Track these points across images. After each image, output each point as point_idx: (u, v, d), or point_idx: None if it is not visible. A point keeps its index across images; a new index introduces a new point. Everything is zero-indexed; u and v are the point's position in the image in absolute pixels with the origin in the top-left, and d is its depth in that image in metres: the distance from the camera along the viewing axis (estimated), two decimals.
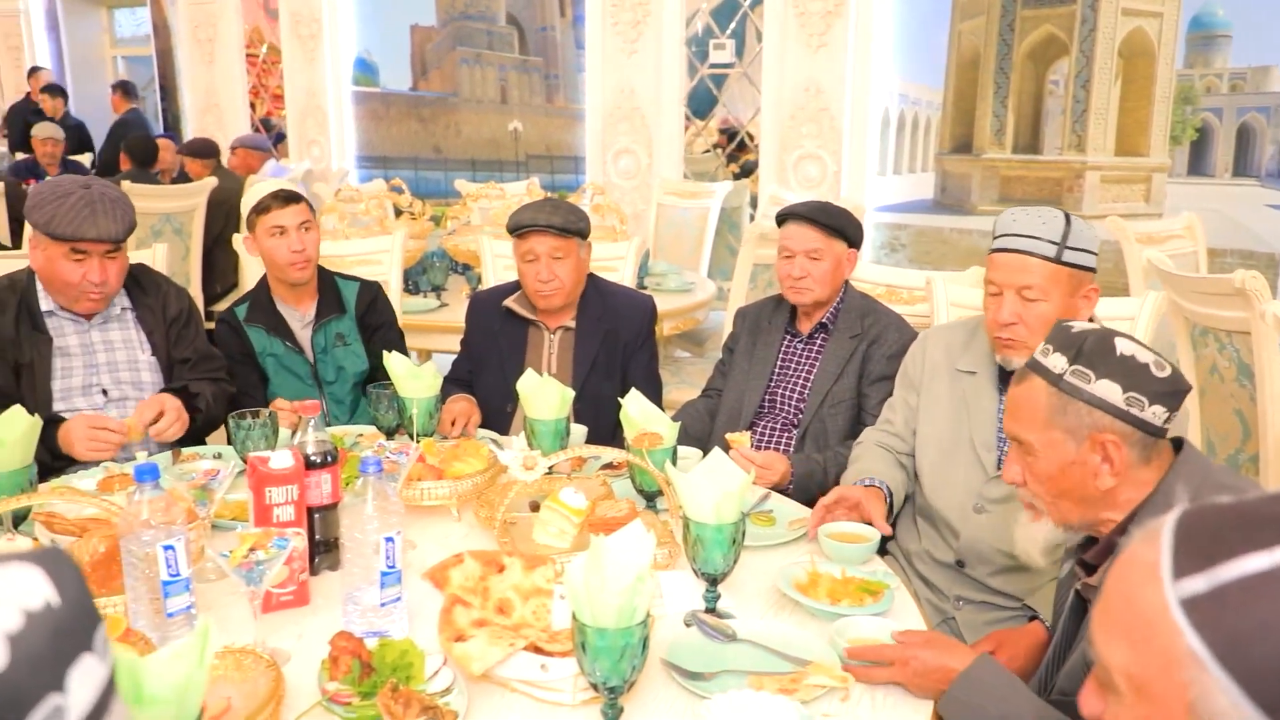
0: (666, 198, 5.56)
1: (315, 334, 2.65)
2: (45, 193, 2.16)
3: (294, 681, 1.33)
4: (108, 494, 1.72)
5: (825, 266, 2.40)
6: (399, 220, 4.68)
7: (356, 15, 7.40)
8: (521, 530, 1.79)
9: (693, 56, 6.16)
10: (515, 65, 6.92)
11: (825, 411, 2.40)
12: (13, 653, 0.50)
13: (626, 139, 6.25)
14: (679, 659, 1.39)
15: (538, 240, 2.48)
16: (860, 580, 1.62)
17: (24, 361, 2.19)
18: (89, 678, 0.54)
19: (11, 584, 0.53)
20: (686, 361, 4.61)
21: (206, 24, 8.01)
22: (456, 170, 7.03)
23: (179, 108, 8.74)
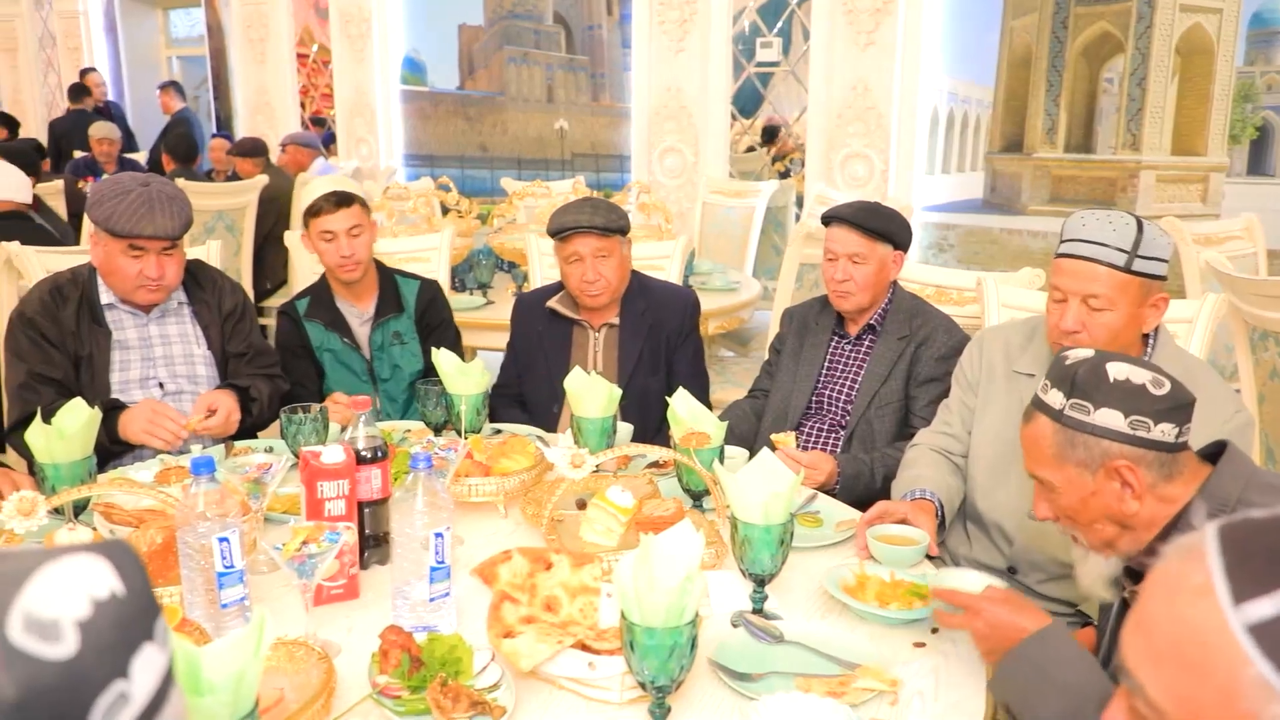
0: (712, 196, 5.55)
1: (373, 332, 2.69)
2: (105, 190, 2.20)
3: (344, 674, 1.35)
4: (164, 486, 1.75)
5: (868, 270, 2.36)
6: (446, 218, 4.72)
7: (405, 15, 7.47)
8: (569, 528, 1.80)
9: (739, 55, 6.14)
10: (562, 64, 6.94)
11: (873, 413, 2.38)
12: (83, 639, 0.52)
13: (672, 137, 6.25)
14: (726, 659, 1.39)
15: (581, 242, 2.49)
16: (909, 584, 1.60)
17: (84, 354, 2.24)
18: (150, 665, 0.55)
19: (80, 574, 0.54)
20: (731, 361, 4.60)
21: (258, 24, 8.13)
22: (502, 169, 7.07)
23: (231, 107, 8.88)
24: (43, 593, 0.52)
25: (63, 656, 0.51)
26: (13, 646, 0.49)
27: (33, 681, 0.49)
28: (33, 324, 2.22)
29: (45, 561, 0.54)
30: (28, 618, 0.51)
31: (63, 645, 0.51)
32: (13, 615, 0.51)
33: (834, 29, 5.48)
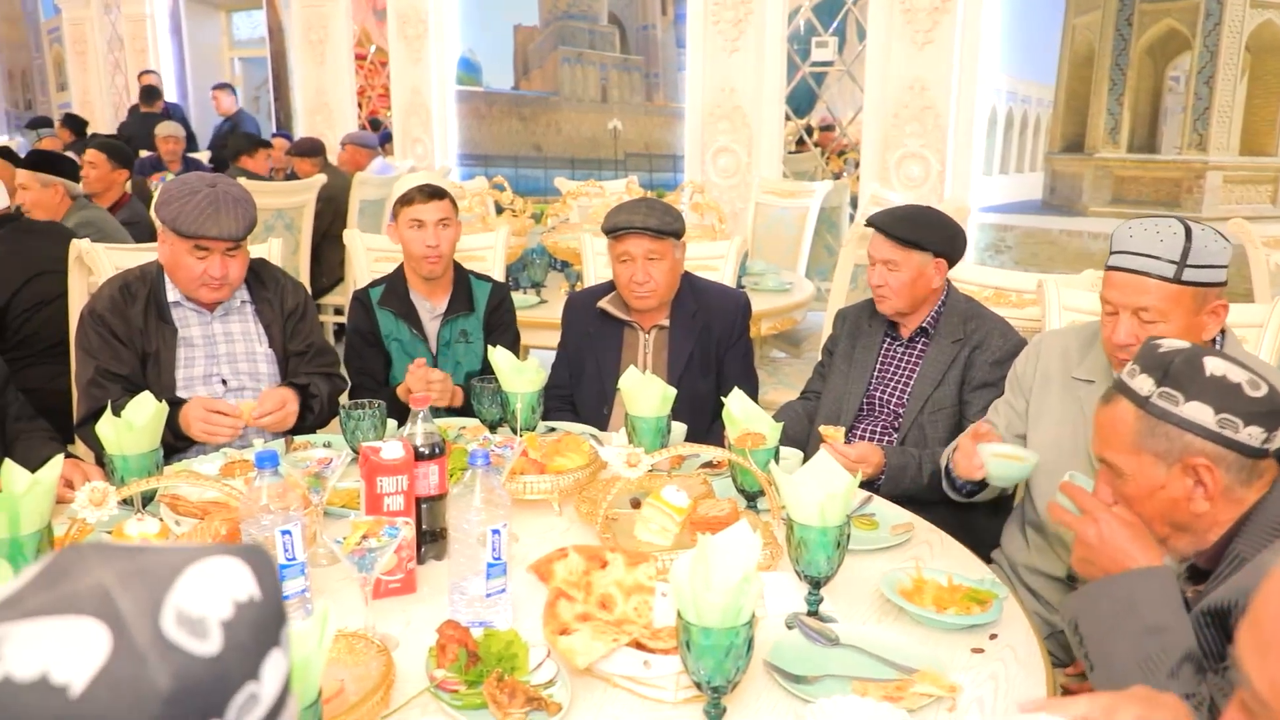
0: (765, 197, 5.53)
1: (442, 327, 2.74)
2: (173, 190, 2.25)
3: (401, 667, 1.37)
4: (228, 479, 1.78)
5: (902, 278, 2.33)
6: (500, 217, 4.76)
7: (461, 15, 7.55)
8: (623, 526, 1.80)
9: (794, 54, 6.10)
10: (616, 64, 6.96)
11: (925, 418, 2.34)
12: (225, 639, 0.53)
13: (726, 137, 6.24)
14: (781, 661, 1.38)
15: (634, 242, 2.49)
16: (968, 588, 1.58)
17: (150, 351, 2.30)
18: (277, 670, 0.57)
19: (224, 576, 0.56)
20: (783, 362, 4.58)
21: (318, 25, 8.27)
22: (556, 168, 7.11)
23: (290, 107, 9.04)
24: (192, 591, 0.54)
25: (209, 653, 0.52)
26: (167, 639, 0.51)
27: (184, 674, 0.50)
28: (102, 320, 2.28)
29: (192, 561, 0.56)
30: (179, 613, 0.52)
31: (209, 642, 0.52)
32: (166, 609, 0.52)
33: (891, 28, 5.43)
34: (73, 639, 0.49)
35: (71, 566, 0.54)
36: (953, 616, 1.51)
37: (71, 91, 11.18)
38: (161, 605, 0.52)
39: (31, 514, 1.43)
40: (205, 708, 0.52)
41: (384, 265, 3.28)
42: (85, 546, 0.57)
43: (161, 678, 0.50)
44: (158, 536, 1.56)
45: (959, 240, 2.40)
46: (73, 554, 0.55)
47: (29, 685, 0.48)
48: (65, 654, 0.49)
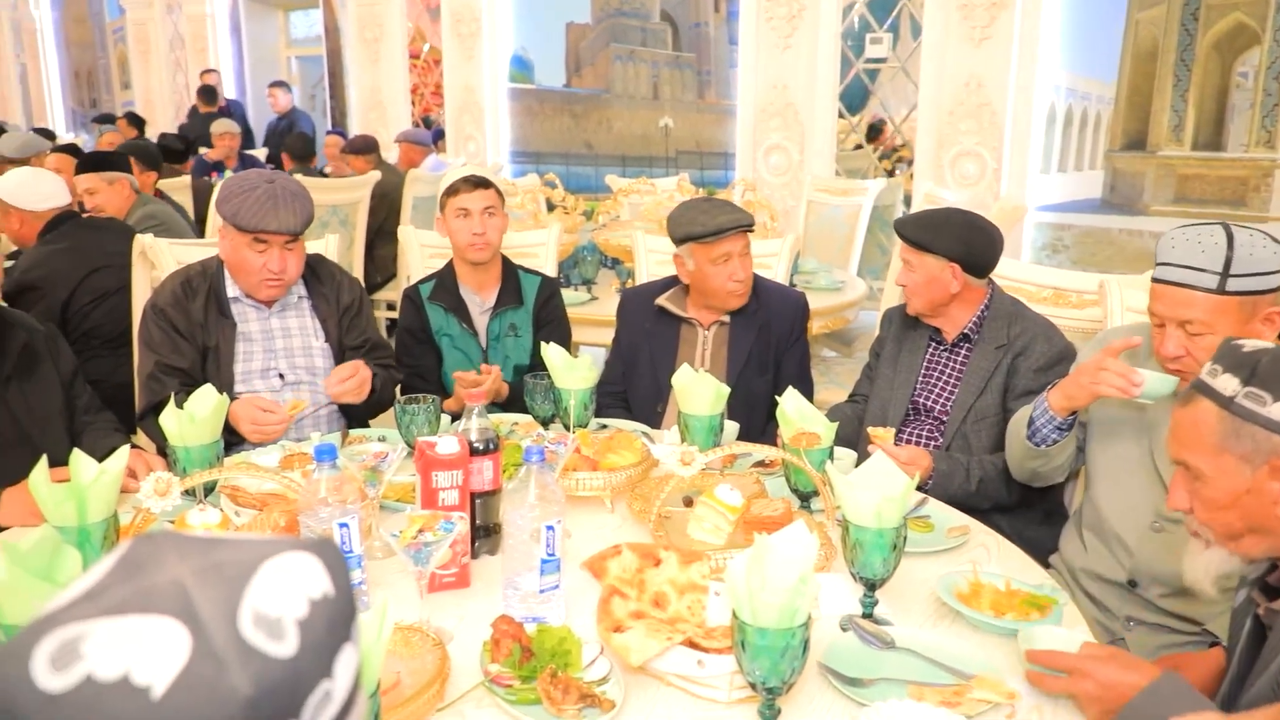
0: (817, 194, 5.49)
1: (491, 320, 2.76)
2: (233, 186, 2.30)
3: (455, 661, 1.37)
4: (287, 471, 1.81)
5: (916, 279, 2.30)
6: (552, 214, 4.78)
7: (514, 13, 7.59)
8: (676, 525, 1.80)
9: (848, 50, 6.05)
10: (668, 61, 6.96)
11: (969, 427, 2.29)
12: (301, 639, 0.53)
13: (778, 135, 6.20)
14: (836, 663, 1.37)
15: (733, 241, 2.48)
16: (1026, 593, 1.55)
17: (210, 345, 2.34)
18: (349, 665, 0.56)
19: (298, 572, 0.56)
20: (834, 361, 4.54)
21: (373, 24, 8.36)
22: (607, 165, 7.13)
23: (345, 105, 9.16)
24: (268, 590, 0.53)
25: (286, 655, 0.52)
26: (246, 643, 0.50)
27: (263, 677, 0.50)
28: (164, 314, 2.33)
29: (266, 556, 0.55)
30: (256, 614, 0.52)
31: (286, 644, 0.52)
32: (244, 610, 0.52)
33: (947, 24, 5.36)
34: (153, 639, 0.49)
35: (147, 559, 0.54)
36: (1011, 622, 1.49)
37: (134, 90, 11.44)
38: (239, 605, 0.52)
39: (98, 503, 1.46)
40: (282, 710, 0.51)
41: (438, 261, 3.30)
42: (159, 537, 0.56)
43: (242, 682, 0.50)
44: (219, 527, 1.59)
45: (979, 246, 2.29)
46: (147, 546, 0.55)
47: (111, 685, 0.48)
48: (146, 655, 0.49)
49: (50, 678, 0.48)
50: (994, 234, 2.32)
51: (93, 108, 12.48)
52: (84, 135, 11.25)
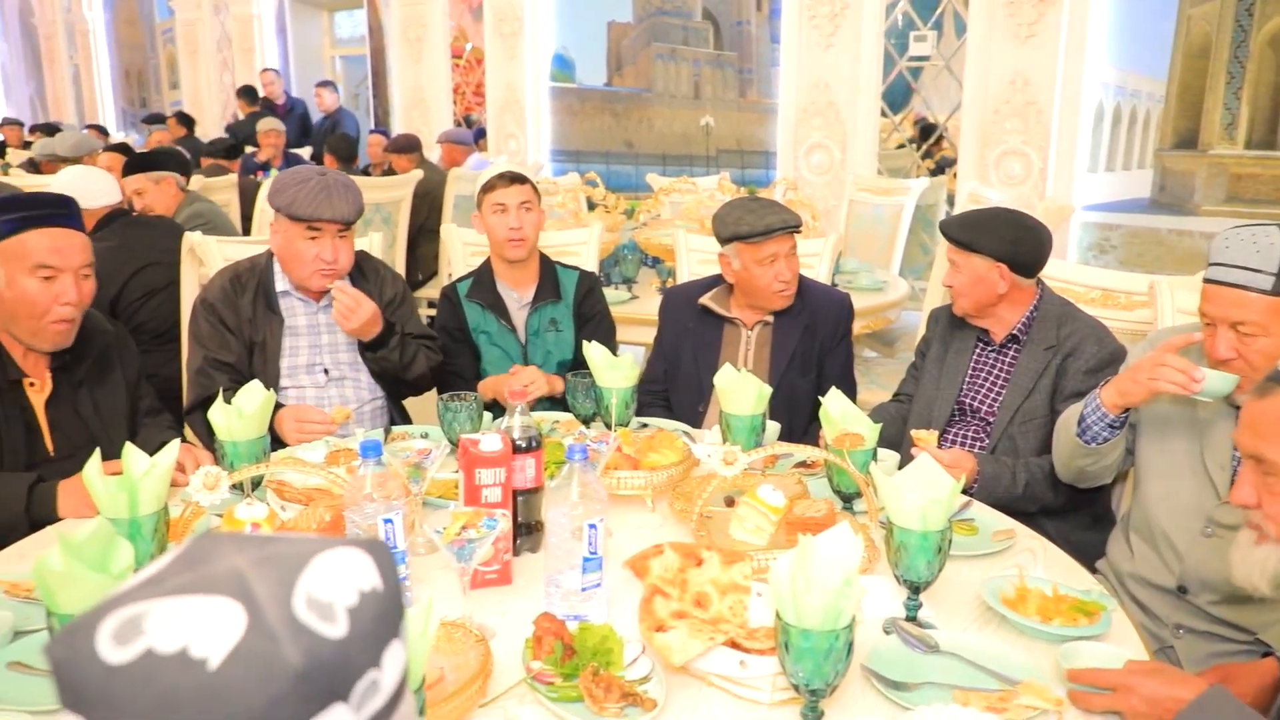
0: (859, 194, 5.45)
1: (530, 316, 2.76)
2: (287, 179, 2.36)
3: (497, 657, 1.38)
4: (332, 466, 1.83)
5: (963, 279, 2.28)
6: (592, 213, 4.79)
7: (556, 13, 7.61)
8: (718, 524, 1.80)
9: (891, 49, 6.00)
10: (709, 60, 6.94)
11: (1016, 429, 2.26)
12: (351, 625, 0.55)
13: (819, 134, 6.17)
14: (879, 666, 1.36)
15: (780, 242, 2.47)
16: (1074, 599, 1.53)
17: (258, 340, 2.37)
18: (396, 661, 0.58)
19: (350, 565, 0.57)
20: (876, 362, 4.50)
21: (416, 24, 8.43)
22: (647, 164, 7.12)
23: (388, 104, 9.24)
24: (320, 576, 0.55)
25: (337, 636, 0.53)
26: (298, 621, 0.53)
27: (314, 653, 0.52)
28: (213, 309, 2.37)
29: (320, 550, 0.58)
30: (309, 597, 0.54)
31: (337, 626, 0.54)
32: (298, 592, 0.54)
33: (993, 21, 5.29)
34: (210, 616, 0.51)
35: (208, 553, 0.56)
36: (1058, 627, 1.47)
37: (182, 90, 11.63)
38: (293, 589, 0.54)
39: (149, 496, 1.49)
40: (332, 688, 0.53)
41: (480, 260, 3.32)
42: (220, 535, 0.59)
43: (293, 655, 0.51)
44: (266, 521, 1.61)
45: (1027, 245, 2.27)
46: (208, 541, 0.58)
47: (170, 657, 0.50)
48: (203, 629, 0.51)
49: (112, 651, 0.50)
50: (1042, 233, 2.29)
51: (142, 107, 12.71)
52: (134, 134, 11.47)
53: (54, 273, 1.91)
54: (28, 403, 2.00)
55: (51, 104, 14.37)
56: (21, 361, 1.99)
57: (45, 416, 1.98)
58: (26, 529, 1.82)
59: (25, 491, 1.84)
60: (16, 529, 1.81)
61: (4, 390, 1.96)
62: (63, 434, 2.00)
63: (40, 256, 1.90)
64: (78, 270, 1.95)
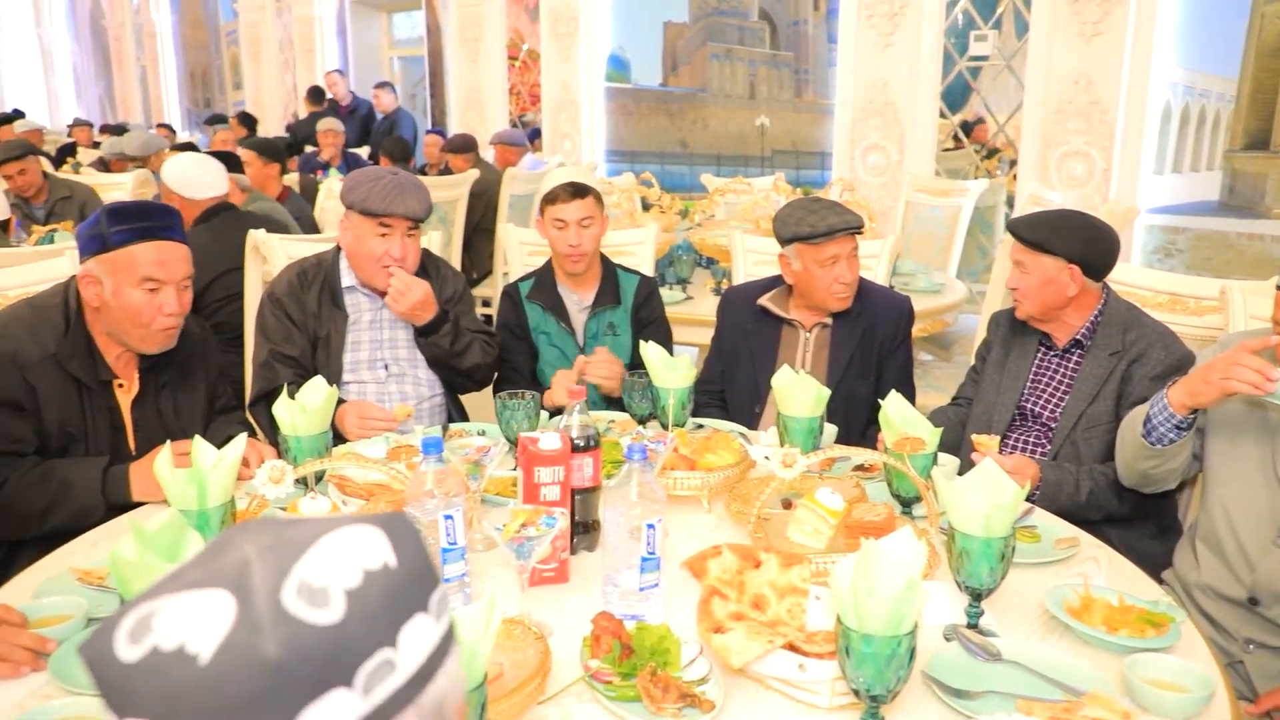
0: (916, 195, 5.39)
1: (590, 320, 2.76)
2: (360, 177, 2.41)
3: (555, 655, 1.39)
4: (393, 462, 1.85)
5: (1031, 281, 2.23)
6: (647, 213, 4.79)
7: (612, 13, 7.63)
8: (775, 527, 1.79)
9: (951, 48, 5.92)
10: (765, 60, 6.91)
11: (1079, 435, 2.21)
12: (349, 607, 0.54)
13: (876, 134, 6.11)
14: (940, 673, 1.34)
15: (842, 244, 2.45)
16: (1141, 610, 1.50)
17: (322, 335, 2.42)
18: (420, 636, 0.57)
19: (356, 544, 0.57)
20: (932, 365, 4.46)
21: (473, 25, 8.50)
22: (702, 165, 7.11)
23: (445, 104, 9.34)
24: (319, 561, 0.55)
25: (327, 622, 0.53)
26: (283, 609, 0.53)
27: (294, 643, 0.52)
28: (280, 304, 2.41)
29: (327, 530, 0.57)
30: (301, 584, 0.54)
31: (329, 612, 0.54)
32: (290, 581, 0.54)
33: (1056, 20, 5.20)
34: (207, 611, 0.53)
35: (229, 542, 0.57)
36: (1125, 638, 1.44)
37: (245, 90, 11.86)
38: (286, 575, 0.54)
39: (217, 489, 1.52)
40: (323, 676, 0.53)
41: (536, 259, 3.34)
42: (253, 522, 0.60)
43: (270, 647, 0.52)
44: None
45: (1100, 247, 2.22)
46: (237, 530, 0.59)
47: (170, 655, 0.52)
48: (199, 625, 0.52)
49: (127, 649, 0.52)
50: (1113, 235, 2.25)
51: (206, 107, 12.98)
52: (198, 134, 11.72)
53: (158, 285, 1.97)
54: (115, 403, 2.06)
55: (120, 104, 14.75)
56: (114, 364, 2.05)
57: (130, 416, 2.04)
58: (104, 512, 1.87)
59: (100, 475, 1.90)
60: (94, 512, 1.87)
61: (94, 390, 2.02)
62: (145, 433, 2.05)
63: (147, 270, 1.95)
64: (179, 282, 2.01)
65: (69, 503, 1.88)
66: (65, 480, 1.89)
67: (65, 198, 5.19)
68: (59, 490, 1.88)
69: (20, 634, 1.35)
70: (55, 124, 13.88)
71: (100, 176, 6.48)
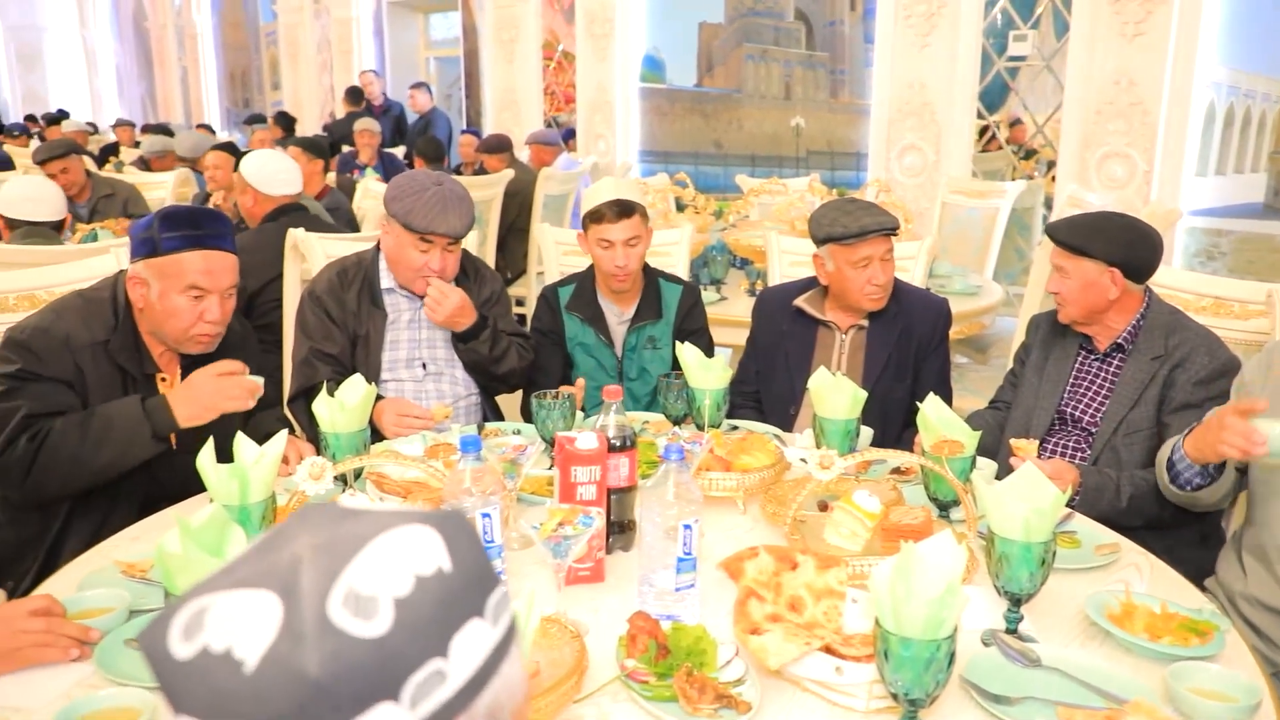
0: (953, 196, 5.34)
1: (629, 333, 2.73)
2: (405, 186, 2.38)
3: (591, 654, 1.39)
4: (431, 460, 1.86)
5: (1072, 285, 2.20)
6: (682, 214, 4.79)
7: (648, 14, 7.64)
8: (811, 528, 1.78)
9: (989, 48, 5.87)
10: (801, 60, 6.89)
11: (1119, 440, 2.18)
12: (397, 617, 0.52)
13: (913, 135, 6.07)
14: (978, 679, 1.33)
15: (875, 245, 2.42)
16: (1184, 617, 1.48)
17: (361, 334, 2.43)
18: (475, 642, 0.55)
19: (410, 547, 0.54)
20: (968, 368, 4.42)
21: (509, 26, 8.54)
22: (736, 165, 7.10)
23: (480, 105, 9.39)
24: (369, 566, 0.53)
25: (373, 635, 0.51)
26: (327, 620, 0.51)
27: (337, 658, 0.50)
28: (320, 302, 2.43)
29: (382, 529, 0.55)
30: (349, 592, 0.52)
31: (376, 623, 0.51)
32: (337, 589, 0.52)
33: (1097, 19, 5.14)
34: (254, 614, 0.51)
35: (288, 532, 0.56)
36: (1168, 646, 1.41)
37: (283, 90, 12.00)
38: (334, 581, 0.52)
39: (259, 484, 1.54)
40: (366, 691, 0.51)
41: (572, 259, 3.35)
42: (311, 511, 0.57)
43: (311, 662, 0.50)
44: None
45: (1142, 250, 2.19)
46: (295, 520, 0.57)
47: (219, 657, 0.50)
48: (247, 629, 0.51)
49: (179, 646, 0.52)
50: (1155, 237, 2.22)
51: (245, 107, 13.15)
52: (237, 134, 11.87)
53: (203, 293, 2.00)
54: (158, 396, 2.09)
55: (161, 104, 14.98)
56: (158, 359, 2.09)
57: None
58: (152, 446, 1.92)
59: (139, 406, 1.92)
60: (140, 441, 1.91)
61: (139, 382, 2.06)
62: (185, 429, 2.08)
63: (193, 278, 1.98)
64: (224, 291, 2.03)
65: (114, 435, 1.90)
66: (106, 415, 1.92)
67: (108, 196, 5.27)
68: (101, 425, 1.90)
69: (65, 623, 1.37)
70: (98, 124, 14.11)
71: (142, 175, 6.59)
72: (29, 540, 2.01)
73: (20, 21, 16.37)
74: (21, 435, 1.86)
